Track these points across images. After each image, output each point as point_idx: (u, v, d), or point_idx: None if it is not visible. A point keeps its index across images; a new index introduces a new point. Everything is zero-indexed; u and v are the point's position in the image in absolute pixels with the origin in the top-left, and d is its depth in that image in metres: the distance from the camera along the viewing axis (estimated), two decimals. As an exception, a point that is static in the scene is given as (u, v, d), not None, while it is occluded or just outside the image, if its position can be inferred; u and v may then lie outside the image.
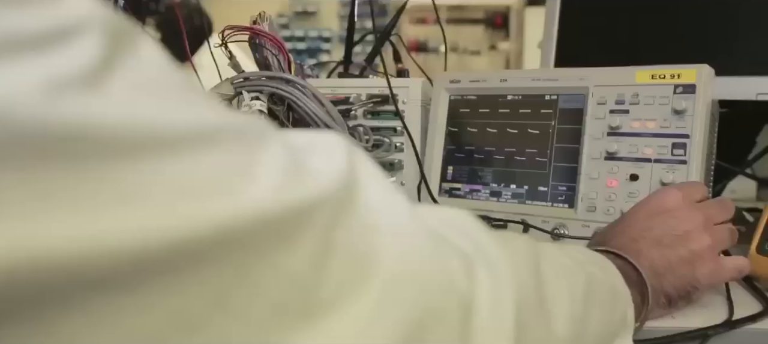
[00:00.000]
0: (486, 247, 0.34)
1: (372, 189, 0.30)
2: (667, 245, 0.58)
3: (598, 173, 0.77)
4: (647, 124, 0.75)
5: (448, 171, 0.88)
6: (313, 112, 0.70)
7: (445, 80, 0.89)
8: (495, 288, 0.33)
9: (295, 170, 0.26)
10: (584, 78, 0.79)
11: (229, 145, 0.24)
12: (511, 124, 0.84)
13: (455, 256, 0.32)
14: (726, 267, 0.61)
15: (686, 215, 0.60)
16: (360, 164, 0.30)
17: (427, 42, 5.83)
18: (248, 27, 0.74)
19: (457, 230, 0.35)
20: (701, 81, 0.73)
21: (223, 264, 0.23)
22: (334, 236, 0.27)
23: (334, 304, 0.26)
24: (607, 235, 0.62)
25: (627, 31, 0.99)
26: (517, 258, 0.36)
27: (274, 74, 0.70)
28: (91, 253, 0.19)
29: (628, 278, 0.55)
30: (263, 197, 0.24)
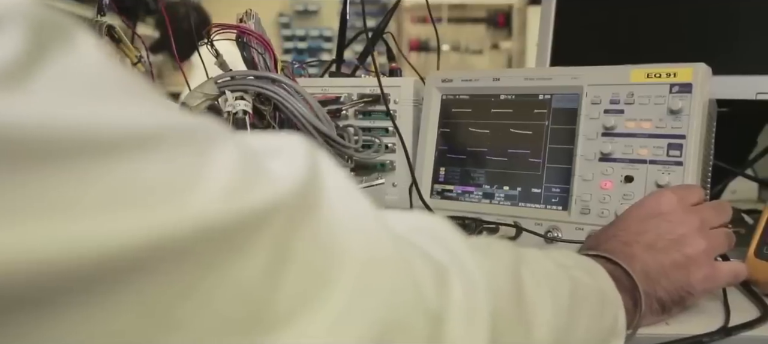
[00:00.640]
0: (461, 255, 0.33)
1: (336, 195, 0.28)
2: (660, 250, 0.56)
3: (592, 175, 0.75)
4: (642, 124, 0.73)
5: (440, 172, 0.86)
6: (299, 112, 0.69)
7: (437, 79, 0.87)
8: (469, 298, 0.31)
9: (249, 174, 0.24)
10: (578, 77, 0.78)
11: (173, 149, 0.22)
12: (504, 124, 0.82)
13: (426, 266, 0.30)
14: (722, 273, 0.59)
15: (681, 218, 0.58)
16: (323, 168, 0.28)
17: (428, 41, 5.81)
18: (234, 25, 0.72)
19: (431, 237, 0.33)
20: (697, 80, 0.71)
21: (164, 278, 0.21)
22: (292, 245, 0.25)
23: (290, 317, 0.24)
24: (600, 238, 0.60)
25: (624, 30, 0.97)
26: (494, 265, 0.35)
27: (259, 73, 0.69)
28: (6, 269, 0.18)
29: (619, 283, 0.53)
30: (210, 204, 0.22)
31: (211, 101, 0.69)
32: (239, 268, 0.23)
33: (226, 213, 0.22)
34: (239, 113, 0.66)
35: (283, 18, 5.76)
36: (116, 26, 0.77)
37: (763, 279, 0.67)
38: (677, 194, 0.61)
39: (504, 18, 5.73)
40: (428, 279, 0.30)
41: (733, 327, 0.60)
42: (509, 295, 0.35)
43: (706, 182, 0.76)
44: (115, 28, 0.77)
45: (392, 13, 1.01)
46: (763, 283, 0.67)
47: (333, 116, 0.87)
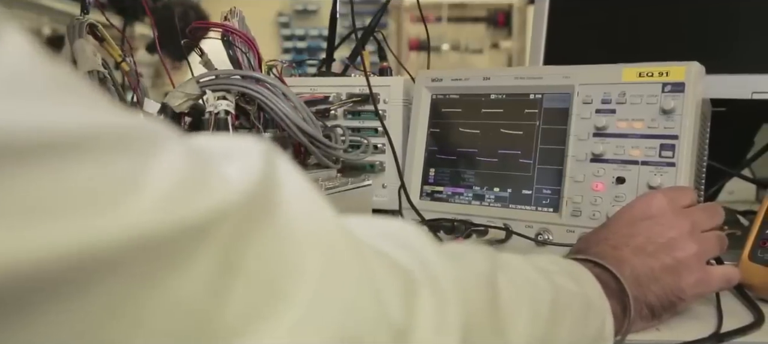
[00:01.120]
0: (432, 264, 0.31)
1: (294, 201, 0.26)
2: (650, 254, 0.55)
3: (584, 176, 0.73)
4: (634, 124, 0.71)
5: (429, 173, 0.85)
6: (283, 112, 0.67)
7: (426, 79, 0.85)
8: (439, 309, 0.29)
9: (195, 180, 0.22)
10: (569, 76, 0.76)
11: (108, 152, 0.20)
12: (495, 124, 0.81)
13: (392, 277, 0.29)
14: (713, 277, 0.58)
15: (672, 221, 0.57)
16: (281, 172, 0.27)
17: (428, 40, 5.79)
18: (217, 23, 0.71)
19: (400, 245, 0.31)
20: (690, 79, 0.69)
21: (92, 293, 0.19)
22: (241, 255, 0.23)
23: (240, 334, 0.23)
24: (589, 242, 0.58)
25: (618, 29, 0.95)
26: (467, 274, 0.33)
27: (242, 73, 0.67)
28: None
29: (607, 288, 0.51)
30: (145, 212, 0.20)
31: (194, 101, 0.67)
32: (179, 282, 0.21)
33: (164, 222, 0.21)
34: (221, 113, 0.65)
35: (282, 17, 5.75)
36: (99, 25, 0.75)
37: (757, 282, 0.65)
38: (668, 197, 0.59)
39: (504, 17, 5.71)
40: (394, 290, 0.28)
41: (725, 332, 0.58)
42: (483, 305, 0.33)
43: (700, 183, 0.74)
44: (98, 27, 0.75)
45: (382, 11, 1.00)
46: (758, 287, 0.65)
47: (321, 116, 0.86)
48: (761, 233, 0.67)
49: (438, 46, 5.80)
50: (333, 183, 0.70)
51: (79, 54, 0.67)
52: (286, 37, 5.74)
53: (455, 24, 5.83)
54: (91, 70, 0.67)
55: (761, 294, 0.65)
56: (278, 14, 5.74)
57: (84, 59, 0.67)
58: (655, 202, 0.58)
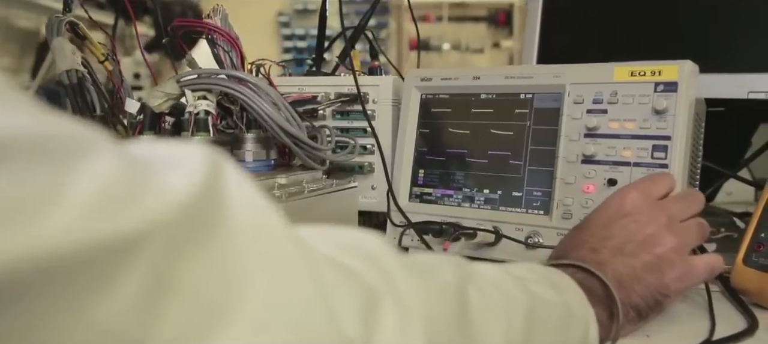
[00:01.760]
0: (396, 277, 0.29)
1: (242, 214, 0.25)
2: (630, 253, 0.53)
3: (575, 178, 0.72)
4: (626, 124, 0.70)
5: (419, 175, 0.83)
6: (266, 113, 0.65)
7: (415, 78, 0.84)
8: (401, 324, 0.28)
9: (124, 190, 0.20)
10: (560, 75, 0.74)
11: (24, 162, 0.18)
12: (485, 125, 0.79)
13: (350, 293, 0.27)
14: (697, 269, 0.56)
15: (647, 216, 0.55)
16: (229, 182, 0.25)
17: (428, 40, 5.78)
18: (198, 21, 0.69)
19: (363, 258, 0.30)
20: (683, 78, 0.67)
21: None
22: (176, 273, 0.21)
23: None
24: (567, 247, 0.57)
25: (613, 28, 0.93)
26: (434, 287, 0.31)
27: (223, 72, 0.65)
28: None
29: (593, 294, 0.50)
30: (62, 228, 0.18)
31: (174, 101, 0.66)
32: (102, 304, 0.19)
33: (83, 239, 0.19)
34: (201, 113, 0.63)
35: (283, 17, 5.74)
36: (80, 23, 0.74)
37: (751, 287, 0.63)
38: (641, 191, 0.58)
39: (505, 16, 5.69)
40: (350, 306, 0.26)
41: (717, 340, 0.56)
42: (450, 319, 0.31)
43: (694, 185, 0.72)
44: (79, 25, 0.74)
45: (373, 9, 0.98)
46: (752, 292, 0.64)
47: (309, 116, 0.84)
48: (756, 236, 0.65)
49: (439, 46, 5.79)
50: (317, 185, 0.68)
51: (57, 52, 0.66)
52: (286, 36, 5.73)
53: (456, 23, 5.81)
54: (69, 69, 0.66)
55: (755, 300, 0.63)
56: (278, 14, 5.73)
57: (62, 58, 0.66)
58: (628, 198, 0.57)
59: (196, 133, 0.63)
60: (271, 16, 5.71)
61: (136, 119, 0.66)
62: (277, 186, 0.65)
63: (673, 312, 0.64)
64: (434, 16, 5.80)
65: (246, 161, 0.70)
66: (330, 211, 0.68)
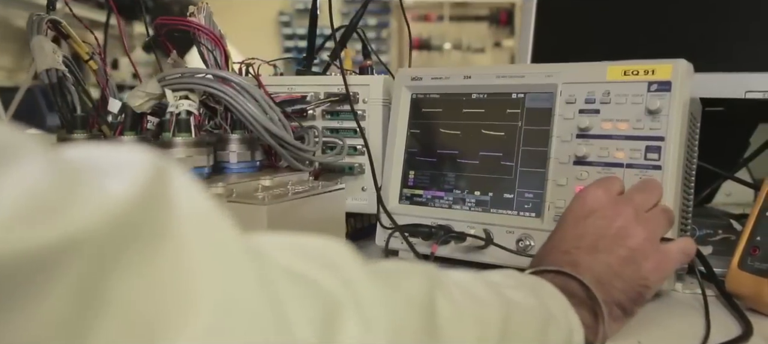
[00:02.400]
0: (358, 286, 0.28)
1: (190, 223, 0.23)
2: (604, 250, 0.52)
3: (567, 179, 0.70)
4: (619, 125, 0.68)
5: (409, 176, 0.81)
6: (249, 113, 0.64)
7: (406, 77, 0.82)
8: (364, 337, 0.26)
9: (52, 198, 0.19)
10: (552, 75, 0.73)
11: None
12: (476, 125, 0.78)
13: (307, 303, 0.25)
14: (671, 254, 0.56)
15: (613, 211, 0.55)
16: (175, 190, 0.23)
17: (430, 39, 5.78)
18: (181, 19, 0.68)
19: (324, 266, 0.28)
20: (677, 77, 0.66)
21: None
22: (110, 286, 0.20)
23: None
24: (541, 254, 0.56)
25: (608, 27, 0.92)
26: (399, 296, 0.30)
27: (205, 71, 0.64)
28: None
29: (574, 297, 0.48)
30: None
31: (156, 101, 0.64)
32: (21, 322, 0.18)
33: (4, 251, 0.17)
34: (182, 113, 0.62)
35: (284, 16, 5.73)
36: (62, 21, 0.72)
37: (746, 292, 0.62)
38: (601, 187, 0.58)
39: (506, 16, 5.68)
40: (308, 318, 0.25)
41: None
42: (417, 330, 0.30)
43: (689, 186, 0.71)
44: (62, 23, 0.72)
45: (365, 8, 0.97)
46: (747, 297, 0.62)
47: (298, 116, 0.83)
48: (752, 239, 0.63)
49: (440, 45, 5.78)
50: (303, 187, 0.67)
51: (36, 51, 0.64)
52: (287, 36, 5.72)
53: (457, 23, 5.80)
54: (49, 69, 0.64)
55: (751, 305, 0.62)
56: (279, 13, 5.72)
57: (42, 57, 0.65)
58: (590, 197, 0.57)
59: (178, 134, 0.61)
60: (272, 16, 5.71)
61: (117, 120, 0.65)
62: (261, 188, 0.64)
63: (667, 316, 0.63)
64: (435, 16, 5.79)
65: (230, 162, 0.68)
66: (316, 213, 0.66)
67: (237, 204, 0.60)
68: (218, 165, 0.69)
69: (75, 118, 0.65)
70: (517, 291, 0.41)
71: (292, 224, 0.63)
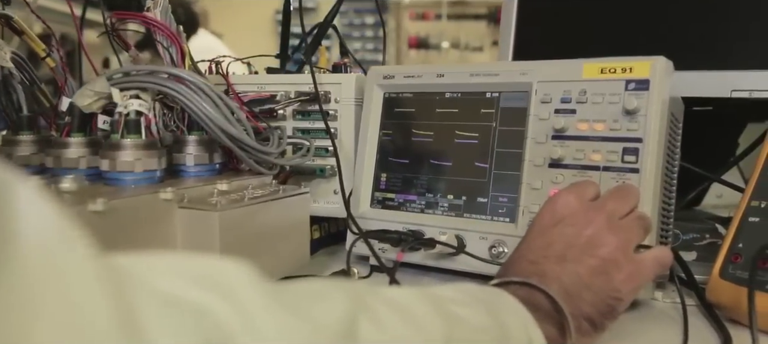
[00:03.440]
0: (256, 314, 0.25)
1: (31, 248, 0.19)
2: (573, 259, 0.49)
3: (541, 183, 0.67)
4: (595, 125, 0.65)
5: (381, 179, 0.78)
6: (205, 113, 0.61)
7: (378, 75, 0.79)
8: None
9: None
10: (527, 73, 0.69)
11: None
12: (450, 125, 0.74)
13: (183, 337, 0.22)
14: (645, 264, 0.52)
15: (584, 218, 0.52)
16: (16, 209, 0.20)
17: (427, 38, 5.74)
18: (136, 14, 0.64)
19: (216, 291, 0.25)
20: (656, 76, 0.62)
21: None
22: None
23: None
24: (508, 264, 0.53)
25: (591, 25, 0.88)
26: (305, 326, 0.26)
27: (158, 69, 0.61)
28: None
29: (539, 310, 0.45)
30: None
31: (106, 100, 0.61)
32: None
33: None
34: (131, 114, 0.58)
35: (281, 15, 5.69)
36: (14, 16, 0.69)
37: (727, 302, 0.58)
38: (573, 193, 0.55)
39: (505, 14, 5.62)
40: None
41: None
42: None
43: (670, 190, 0.67)
44: (13, 19, 0.69)
45: (340, 3, 0.93)
46: (728, 307, 0.59)
47: (267, 116, 0.80)
48: (733, 246, 0.60)
49: (438, 44, 5.74)
50: (263, 191, 0.63)
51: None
52: (283, 34, 5.68)
53: (455, 21, 5.76)
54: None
55: (731, 315, 0.59)
56: (276, 12, 5.68)
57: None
58: (560, 203, 0.54)
59: (127, 135, 0.58)
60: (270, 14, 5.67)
61: (63, 120, 0.62)
62: (217, 193, 0.61)
63: (643, 327, 0.60)
64: (433, 14, 5.75)
65: (186, 165, 0.65)
66: (276, 220, 0.63)
67: (188, 210, 0.56)
68: (174, 168, 0.65)
69: (21, 118, 0.62)
70: (467, 309, 0.38)
71: (249, 231, 0.60)
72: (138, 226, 0.53)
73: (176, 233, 0.56)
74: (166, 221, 0.56)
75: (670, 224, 0.67)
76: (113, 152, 0.57)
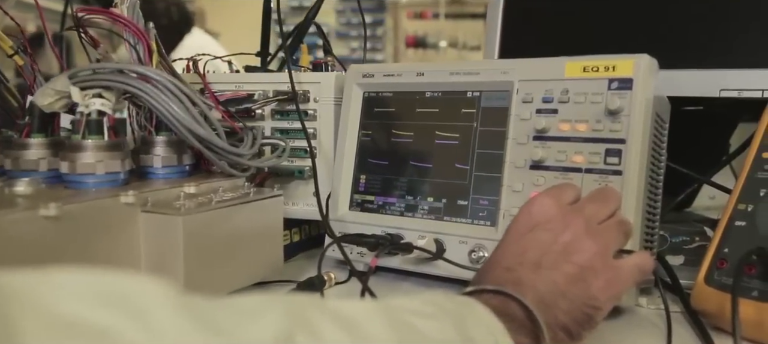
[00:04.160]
0: (164, 334, 0.22)
1: None
2: (548, 266, 0.47)
3: (523, 185, 0.65)
4: (578, 126, 0.63)
5: (360, 181, 0.76)
6: (172, 113, 0.58)
7: (357, 74, 0.76)
8: None
9: None
10: (508, 72, 0.67)
11: None
12: (430, 126, 0.72)
13: None
14: (624, 271, 0.49)
15: (561, 223, 0.49)
16: None
17: (425, 37, 5.72)
18: (102, 10, 0.62)
19: (125, 312, 0.22)
20: (639, 74, 0.60)
21: None
22: None
23: None
24: (483, 270, 0.50)
25: (578, 23, 0.86)
26: None
27: (118, 66, 0.58)
28: None
29: (512, 320, 0.43)
30: None
31: (68, 99, 0.59)
32: None
33: None
34: (93, 114, 0.56)
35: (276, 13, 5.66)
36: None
37: (712, 309, 0.56)
38: (551, 196, 0.52)
39: (502, 13, 5.60)
40: None
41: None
42: None
43: (655, 193, 0.65)
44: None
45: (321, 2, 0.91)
46: (713, 314, 0.57)
47: (244, 116, 0.77)
48: (719, 251, 0.58)
49: (435, 43, 5.72)
50: (232, 195, 0.61)
51: (-61, 47, 0.59)
52: (280, 33, 5.65)
53: (453, 20, 5.74)
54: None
55: (717, 323, 0.56)
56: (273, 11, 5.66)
57: (-54, 53, 0.59)
58: (536, 207, 0.51)
59: (88, 136, 0.56)
60: (266, 14, 5.64)
61: (23, 121, 0.59)
62: (183, 196, 0.58)
63: (624, 334, 0.57)
64: (431, 13, 5.73)
65: (154, 166, 0.63)
66: (246, 224, 0.61)
67: (151, 215, 0.54)
68: (142, 170, 0.63)
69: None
70: (430, 322, 0.36)
71: (217, 236, 0.57)
72: (96, 232, 0.51)
73: (139, 240, 0.54)
74: (128, 227, 0.53)
75: (655, 228, 0.65)
76: (73, 153, 0.55)
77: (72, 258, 0.49)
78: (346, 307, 0.32)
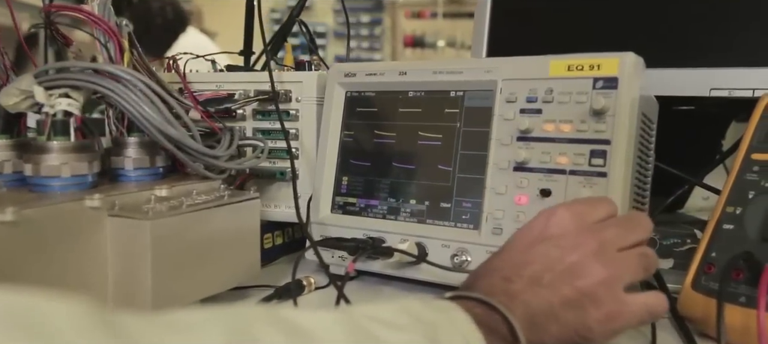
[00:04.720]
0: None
1: None
2: (547, 285, 0.43)
3: (506, 187, 0.63)
4: (562, 126, 0.61)
5: (342, 182, 0.74)
6: (142, 114, 0.56)
7: (339, 73, 0.75)
8: None
9: None
10: (492, 70, 0.65)
11: None
12: (413, 126, 0.70)
13: None
14: (630, 308, 0.45)
15: (573, 242, 0.45)
16: None
17: (423, 36, 5.70)
18: (72, 7, 0.60)
19: (30, 333, 0.21)
20: (625, 73, 0.58)
21: None
22: None
23: None
24: (478, 273, 0.47)
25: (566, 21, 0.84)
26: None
27: (84, 65, 0.56)
28: None
29: (494, 333, 0.41)
30: None
31: (34, 100, 0.57)
32: None
33: None
34: (58, 114, 0.54)
35: (275, 13, 5.64)
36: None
37: (698, 314, 0.54)
38: (573, 211, 0.48)
39: (501, 12, 5.58)
40: None
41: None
42: None
43: (643, 195, 0.63)
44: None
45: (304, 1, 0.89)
46: (700, 320, 0.55)
47: (224, 116, 0.75)
48: (706, 255, 0.56)
49: (434, 43, 5.70)
50: (206, 198, 0.59)
51: None
52: (279, 33, 5.63)
53: (451, 20, 5.72)
54: None
55: (704, 330, 0.54)
56: (271, 10, 5.64)
57: None
58: (554, 220, 0.47)
59: (53, 137, 0.54)
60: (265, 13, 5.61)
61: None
62: (154, 199, 0.56)
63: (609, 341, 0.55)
64: (429, 13, 5.71)
65: (125, 169, 0.61)
66: (220, 228, 0.59)
67: (118, 219, 0.52)
68: (113, 173, 0.61)
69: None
70: (398, 333, 0.34)
71: (188, 241, 0.55)
72: (60, 239, 0.49)
73: (106, 246, 0.52)
74: (94, 232, 0.51)
75: (642, 231, 0.63)
76: (38, 155, 0.53)
77: (32, 267, 0.47)
78: (307, 319, 0.30)
